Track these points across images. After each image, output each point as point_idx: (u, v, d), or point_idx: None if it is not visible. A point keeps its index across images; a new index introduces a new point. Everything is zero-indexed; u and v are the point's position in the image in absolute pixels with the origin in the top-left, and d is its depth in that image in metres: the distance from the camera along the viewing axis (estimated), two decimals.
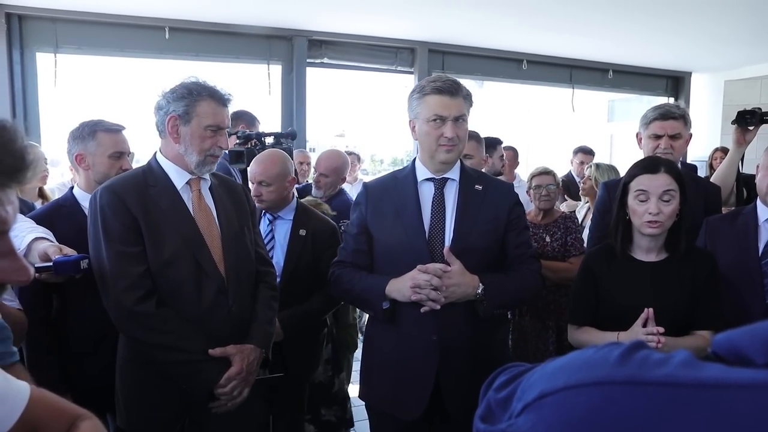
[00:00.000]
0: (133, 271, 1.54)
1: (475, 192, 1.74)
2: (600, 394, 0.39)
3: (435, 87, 1.67)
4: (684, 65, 6.21)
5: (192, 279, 1.59)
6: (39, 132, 4.10)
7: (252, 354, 1.66)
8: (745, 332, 0.38)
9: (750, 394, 0.34)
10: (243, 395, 1.63)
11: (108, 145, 1.94)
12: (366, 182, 1.93)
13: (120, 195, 1.56)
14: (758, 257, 1.87)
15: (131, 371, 1.66)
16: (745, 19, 4.23)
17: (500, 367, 0.57)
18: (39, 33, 4.07)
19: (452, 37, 5.05)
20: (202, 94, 1.60)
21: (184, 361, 1.56)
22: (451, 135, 1.65)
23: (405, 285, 1.61)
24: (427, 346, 1.67)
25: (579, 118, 7.07)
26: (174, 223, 1.60)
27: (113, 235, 1.55)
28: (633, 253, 1.76)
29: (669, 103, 2.05)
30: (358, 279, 1.75)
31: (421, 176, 1.76)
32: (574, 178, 4.90)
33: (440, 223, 1.71)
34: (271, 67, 4.76)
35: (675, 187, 1.66)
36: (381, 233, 1.76)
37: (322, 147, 19.27)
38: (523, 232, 1.79)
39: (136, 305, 1.52)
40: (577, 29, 4.66)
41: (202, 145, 1.61)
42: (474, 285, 1.63)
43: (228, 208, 1.74)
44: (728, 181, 2.53)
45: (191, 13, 4.25)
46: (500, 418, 0.48)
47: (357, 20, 4.49)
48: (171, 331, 1.54)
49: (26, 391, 0.80)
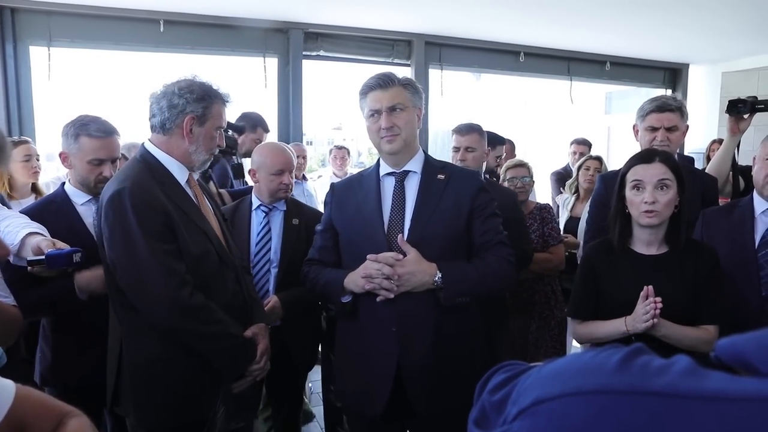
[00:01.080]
0: (180, 268, 1.56)
1: (436, 182, 1.75)
2: (598, 402, 0.37)
3: (367, 84, 1.72)
4: (682, 57, 6.20)
5: (217, 270, 1.68)
6: (33, 126, 4.07)
7: (266, 330, 1.81)
8: (751, 339, 0.36)
9: (757, 407, 0.32)
10: (268, 366, 1.78)
11: (87, 151, 1.90)
12: (333, 183, 2.01)
13: (153, 192, 1.56)
14: (755, 249, 1.87)
15: (162, 370, 1.61)
16: (743, 11, 4.22)
17: (494, 367, 0.55)
18: (32, 26, 4.02)
19: (449, 30, 5.03)
20: (218, 96, 1.69)
21: (232, 345, 1.66)
22: (387, 125, 1.67)
23: (358, 275, 1.64)
24: (386, 338, 1.66)
25: (577, 111, 7.04)
26: (194, 218, 1.65)
27: (155, 233, 1.52)
28: (633, 246, 1.76)
29: (665, 95, 2.04)
30: (321, 275, 1.79)
31: (383, 171, 1.79)
32: (571, 169, 4.90)
33: (399, 214, 1.73)
34: (267, 60, 4.72)
35: (670, 176, 1.66)
36: (344, 228, 1.80)
37: (318, 140, 19.09)
38: (490, 219, 1.75)
39: (191, 299, 1.56)
40: (575, 21, 4.64)
41: (210, 144, 1.70)
42: (431, 273, 1.62)
43: (211, 201, 1.84)
44: (723, 170, 2.53)
45: (186, 6, 4.22)
46: (495, 422, 0.46)
47: (353, 13, 4.46)
48: (220, 320, 1.62)
49: (11, 389, 0.79)
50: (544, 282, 2.81)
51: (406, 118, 1.70)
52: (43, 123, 4.09)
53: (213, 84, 1.70)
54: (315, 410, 3.46)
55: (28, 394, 0.81)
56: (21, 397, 0.79)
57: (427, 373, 1.65)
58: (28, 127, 4.01)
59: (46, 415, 0.82)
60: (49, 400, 0.85)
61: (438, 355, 1.66)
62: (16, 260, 1.65)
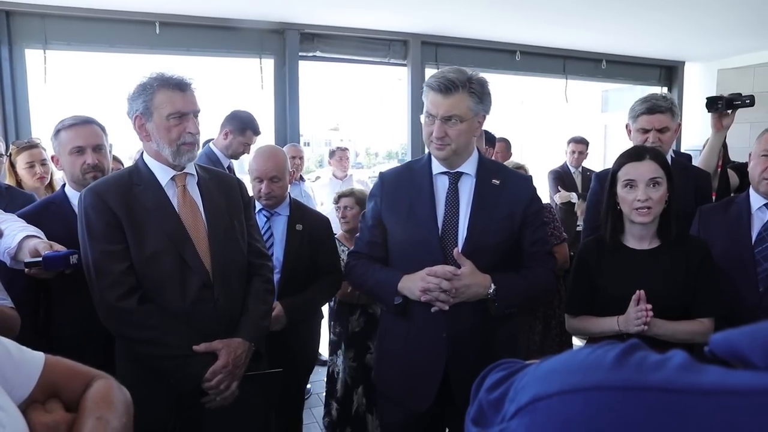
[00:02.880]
0: (115, 269, 1.55)
1: (491, 187, 1.71)
2: (596, 399, 0.37)
3: (429, 83, 1.64)
4: (677, 55, 6.20)
5: (176, 274, 1.60)
6: (29, 129, 4.05)
7: (239, 348, 1.64)
8: (745, 333, 0.37)
9: (753, 400, 0.32)
10: (231, 389, 1.62)
11: (66, 142, 1.90)
12: (382, 172, 1.89)
13: (101, 195, 1.59)
14: (751, 245, 1.88)
15: (123, 368, 1.65)
16: (737, 9, 4.23)
17: (490, 365, 0.55)
18: (28, 29, 4.01)
19: (445, 29, 5.02)
20: (154, 86, 1.60)
21: (168, 356, 1.57)
22: (438, 134, 1.62)
23: (415, 285, 1.61)
24: (437, 342, 1.68)
25: (573, 109, 7.06)
26: (157, 219, 1.61)
27: (96, 234, 1.57)
28: (626, 242, 1.78)
29: (655, 94, 2.06)
30: (371, 272, 1.76)
31: (436, 170, 1.74)
32: (569, 168, 4.91)
33: (454, 219, 1.69)
34: (263, 61, 4.71)
35: (661, 173, 1.69)
36: (395, 227, 1.75)
37: (316, 141, 19.11)
38: (540, 228, 1.75)
39: (118, 302, 1.54)
40: (570, 20, 4.64)
41: (169, 135, 1.61)
42: (485, 285, 1.61)
43: (217, 201, 1.73)
44: (710, 165, 2.56)
45: (182, 8, 4.21)
46: (492, 421, 0.46)
47: (349, 13, 4.46)
48: (154, 326, 1.55)
49: (41, 358, 0.87)
50: None
51: (462, 129, 1.62)
52: (39, 126, 4.08)
53: (158, 73, 1.62)
54: (314, 411, 3.47)
55: (57, 361, 0.89)
56: (51, 365, 0.87)
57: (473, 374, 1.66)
58: (24, 130, 4.00)
59: (76, 379, 0.89)
60: (78, 366, 0.92)
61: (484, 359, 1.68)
62: (12, 263, 1.65)
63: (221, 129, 3.20)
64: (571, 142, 4.90)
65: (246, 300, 1.74)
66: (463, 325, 1.67)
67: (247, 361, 1.67)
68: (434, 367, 1.68)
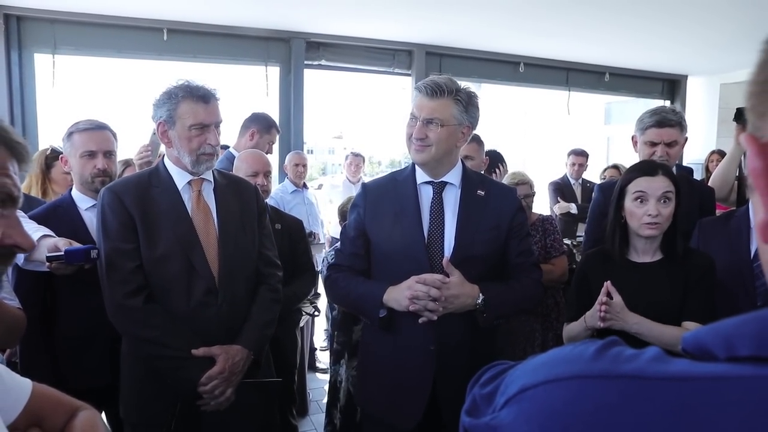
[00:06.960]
0: (125, 266, 1.59)
1: (476, 198, 1.70)
2: (575, 387, 0.42)
3: (418, 86, 1.64)
4: (680, 68, 6.24)
5: (182, 277, 1.63)
6: (36, 133, 4.10)
7: (238, 355, 1.65)
8: (710, 329, 0.41)
9: (710, 385, 0.37)
10: (226, 395, 1.63)
11: (79, 145, 1.94)
12: (364, 183, 1.91)
13: (119, 194, 1.64)
14: (750, 259, 1.87)
15: (128, 363, 1.70)
16: (740, 23, 4.26)
17: (485, 366, 0.59)
18: (37, 34, 4.07)
19: (449, 40, 5.07)
20: (179, 95, 1.64)
21: (167, 357, 1.60)
22: (418, 135, 1.61)
23: (402, 295, 1.57)
24: (425, 356, 1.64)
25: (576, 121, 7.09)
26: (170, 222, 1.65)
27: (110, 232, 1.62)
28: (628, 255, 1.79)
29: (665, 107, 2.06)
30: (354, 285, 1.71)
31: (420, 179, 1.72)
32: (569, 180, 4.93)
33: (439, 228, 1.67)
34: (269, 68, 4.77)
35: (672, 189, 1.70)
36: (379, 237, 1.72)
37: (319, 149, 19.16)
38: (525, 240, 1.75)
39: (124, 299, 1.58)
40: (574, 32, 4.68)
41: (190, 145, 1.65)
42: (473, 295, 1.60)
43: (231, 208, 1.75)
44: (728, 178, 2.53)
45: (189, 15, 4.26)
46: (484, 412, 0.51)
47: (355, 22, 4.51)
48: (156, 326, 1.58)
49: (29, 385, 0.87)
50: (547, 294, 2.81)
51: (442, 134, 1.61)
52: (46, 130, 4.12)
53: (185, 83, 1.66)
54: (313, 419, 3.47)
55: (43, 390, 0.89)
56: (37, 393, 0.87)
57: (462, 388, 1.64)
58: (32, 133, 4.04)
59: (60, 409, 0.89)
60: (63, 396, 0.92)
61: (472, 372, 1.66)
62: (25, 264, 1.67)
63: (244, 131, 3.20)
64: (572, 154, 4.94)
65: (251, 308, 1.75)
66: (452, 338, 1.63)
67: (244, 368, 1.68)
68: (422, 382, 1.64)
